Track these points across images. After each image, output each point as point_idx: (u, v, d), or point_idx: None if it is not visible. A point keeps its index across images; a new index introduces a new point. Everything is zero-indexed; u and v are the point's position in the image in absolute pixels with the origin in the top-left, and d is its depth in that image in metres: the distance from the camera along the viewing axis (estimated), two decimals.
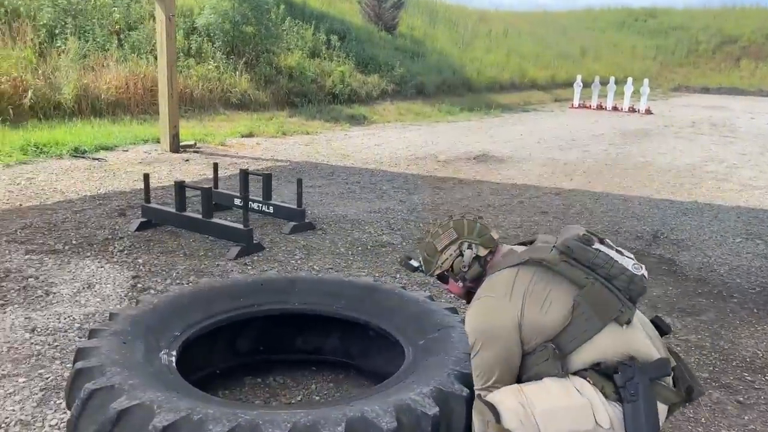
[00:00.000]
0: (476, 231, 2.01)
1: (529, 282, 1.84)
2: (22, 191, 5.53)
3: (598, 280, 1.81)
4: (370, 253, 4.39)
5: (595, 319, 1.77)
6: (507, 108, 17.63)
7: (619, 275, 1.82)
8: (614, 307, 1.78)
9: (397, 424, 1.60)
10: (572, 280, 1.82)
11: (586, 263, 1.84)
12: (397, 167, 8.09)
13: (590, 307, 1.78)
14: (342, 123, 12.28)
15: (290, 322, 2.57)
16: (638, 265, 1.87)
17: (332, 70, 14.41)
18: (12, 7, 10.24)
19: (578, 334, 1.77)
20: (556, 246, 1.90)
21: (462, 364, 1.92)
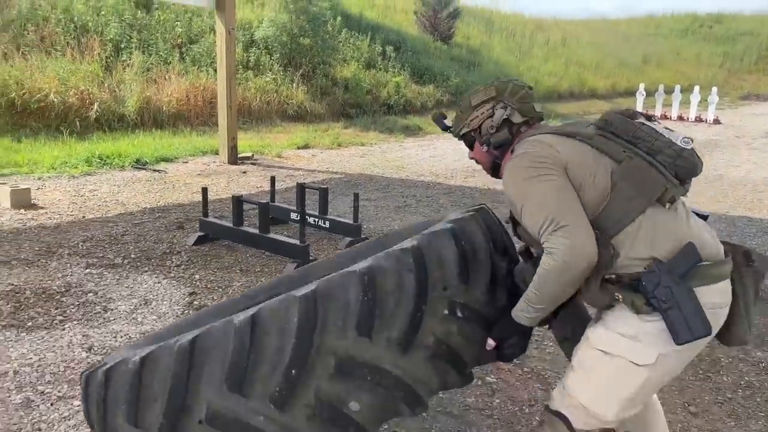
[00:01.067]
0: (518, 96, 1.83)
1: (570, 148, 1.63)
2: (85, 203, 5.64)
3: (638, 155, 1.58)
4: None
5: (638, 199, 1.55)
6: (566, 118, 17.15)
7: (665, 149, 1.59)
8: (659, 183, 1.56)
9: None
10: (610, 155, 1.59)
11: (626, 137, 1.62)
12: (454, 180, 7.90)
13: (630, 184, 1.55)
14: (397, 134, 12.19)
15: None
16: (688, 138, 1.62)
17: (387, 81, 14.37)
18: (81, 23, 10.64)
19: (620, 216, 1.54)
20: (594, 123, 1.71)
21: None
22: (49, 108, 8.53)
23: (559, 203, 1.54)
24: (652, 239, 1.54)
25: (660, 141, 1.60)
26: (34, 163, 6.97)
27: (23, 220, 4.97)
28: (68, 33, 10.33)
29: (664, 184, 1.56)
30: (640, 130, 1.61)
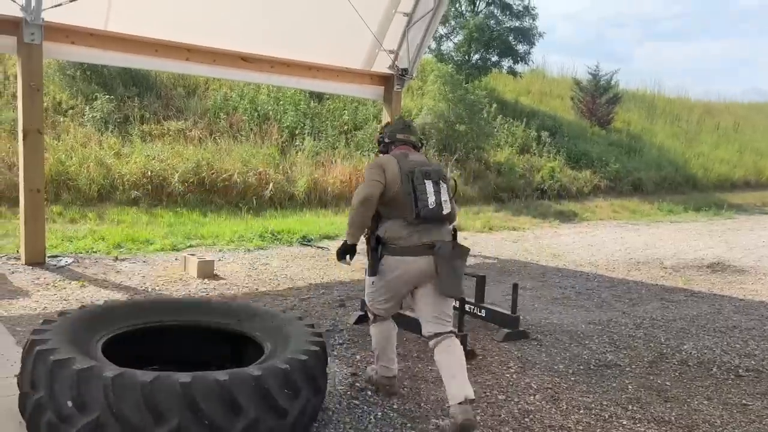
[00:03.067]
0: (395, 126, 3.45)
1: (392, 166, 3.12)
2: (258, 275, 6.13)
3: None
4: (594, 374, 3.96)
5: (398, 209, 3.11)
6: (741, 209, 15.71)
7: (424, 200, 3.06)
8: (407, 210, 3.07)
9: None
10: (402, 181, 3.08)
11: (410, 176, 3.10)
12: (616, 272, 7.47)
13: (398, 203, 3.10)
14: (550, 219, 11.91)
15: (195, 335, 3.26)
16: (437, 202, 3.08)
17: (542, 166, 14.24)
18: (263, 112, 11.95)
19: (389, 208, 3.12)
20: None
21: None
22: (232, 187, 9.55)
23: (368, 181, 3.08)
24: (387, 227, 3.11)
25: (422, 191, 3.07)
26: (216, 236, 7.76)
27: (207, 289, 5.51)
28: (252, 120, 11.65)
29: (413, 211, 3.05)
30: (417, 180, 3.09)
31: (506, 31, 15.45)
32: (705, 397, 3.68)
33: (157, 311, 3.22)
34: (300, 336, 2.88)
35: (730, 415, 3.43)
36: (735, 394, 3.76)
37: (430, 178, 3.09)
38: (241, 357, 3.17)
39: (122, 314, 3.10)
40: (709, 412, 3.46)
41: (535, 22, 15.86)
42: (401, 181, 3.04)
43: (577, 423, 3.22)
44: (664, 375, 4.02)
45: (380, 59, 7.98)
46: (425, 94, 14.54)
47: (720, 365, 4.26)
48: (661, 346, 4.63)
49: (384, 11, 7.62)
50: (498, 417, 3.22)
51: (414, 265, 3.05)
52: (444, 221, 3.16)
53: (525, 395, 3.53)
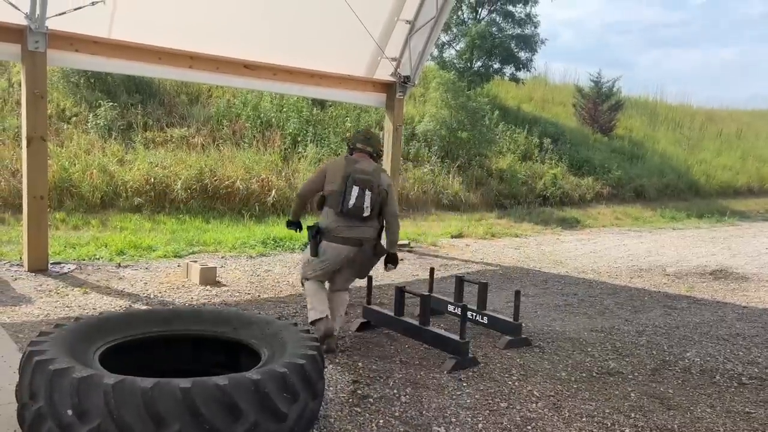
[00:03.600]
0: (356, 136, 4.33)
1: (334, 167, 4.13)
2: (261, 282, 6.14)
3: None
4: (596, 381, 3.95)
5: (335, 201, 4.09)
6: (744, 216, 15.69)
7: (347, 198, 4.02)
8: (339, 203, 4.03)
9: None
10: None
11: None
12: (618, 279, 7.46)
13: (336, 196, 4.06)
14: (552, 226, 11.90)
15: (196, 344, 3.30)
16: (364, 207, 4.02)
17: (544, 173, 14.25)
18: (266, 119, 11.99)
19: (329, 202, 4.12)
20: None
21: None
22: (235, 193, 9.57)
23: (308, 180, 4.34)
24: (325, 213, 4.11)
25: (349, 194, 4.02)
26: (219, 242, 7.77)
27: (209, 296, 5.52)
28: (255, 127, 11.68)
29: (339, 206, 4.02)
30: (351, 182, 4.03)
31: (508, 38, 15.49)
32: (708, 405, 3.67)
33: (154, 321, 3.22)
34: (296, 341, 2.89)
35: (733, 423, 3.41)
36: (738, 402, 3.74)
37: (357, 185, 3.97)
38: (239, 365, 3.17)
39: (119, 325, 3.10)
40: (712, 420, 3.45)
41: (537, 29, 15.93)
42: (341, 181, 4.00)
43: (579, 431, 3.21)
44: (666, 383, 4.00)
45: (382, 66, 8.01)
46: (427, 101, 14.58)
47: (723, 373, 4.25)
48: (664, 354, 4.62)
49: (386, 19, 7.66)
50: (500, 425, 3.21)
51: (343, 252, 4.10)
52: (366, 221, 4.09)
53: (527, 403, 3.52)
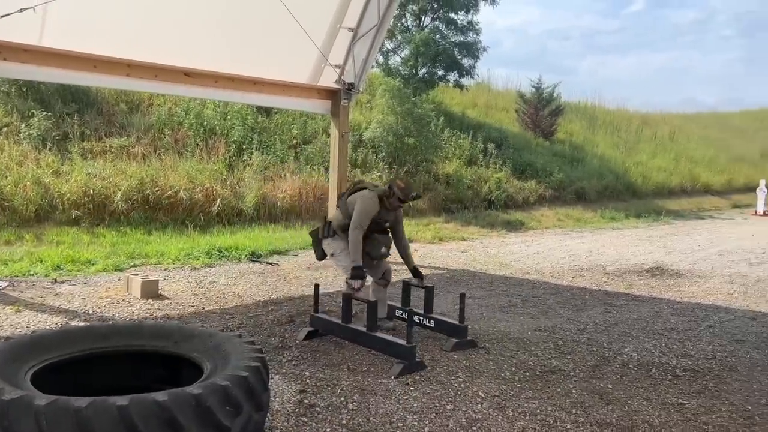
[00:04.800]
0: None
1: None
2: (205, 294, 6.02)
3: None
4: (539, 380, 4.05)
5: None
6: (678, 215, 16.41)
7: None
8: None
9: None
10: None
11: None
12: (561, 279, 7.67)
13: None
14: (498, 229, 12.14)
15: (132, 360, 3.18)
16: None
17: (489, 177, 14.52)
18: (210, 126, 11.79)
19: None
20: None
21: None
22: (178, 204, 9.36)
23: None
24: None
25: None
26: (161, 254, 7.58)
27: (151, 310, 5.37)
28: (198, 136, 11.47)
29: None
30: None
31: (451, 45, 15.75)
32: (644, 398, 3.82)
33: (91, 338, 3.11)
34: (240, 353, 2.85)
35: (667, 415, 3.56)
36: (672, 393, 3.91)
37: None
38: (180, 380, 3.10)
39: (53, 343, 2.97)
40: (648, 412, 3.59)
41: (479, 36, 16.25)
42: None
43: (522, 429, 3.28)
44: (606, 378, 4.14)
45: (326, 74, 8.00)
46: (374, 108, 14.64)
47: (659, 366, 4.43)
48: (604, 350, 4.78)
49: (329, 26, 7.66)
50: (446, 427, 3.25)
51: None
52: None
53: (473, 404, 3.58)
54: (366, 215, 4.57)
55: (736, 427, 3.43)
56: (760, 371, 4.38)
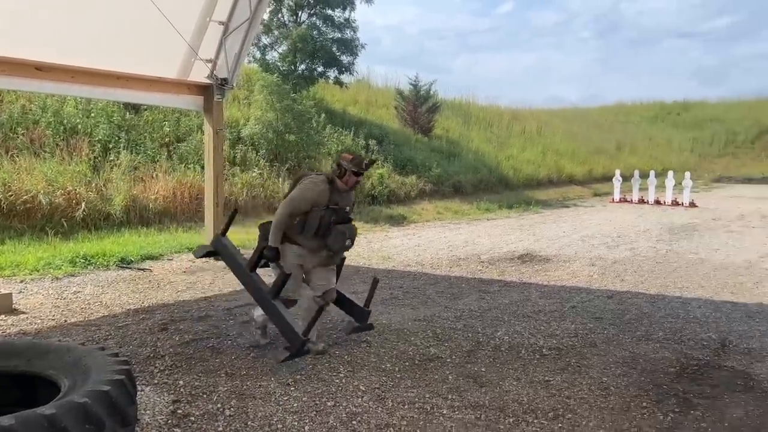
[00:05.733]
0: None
1: None
2: (68, 306, 5.56)
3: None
4: (418, 369, 4.16)
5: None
6: (546, 204, 17.55)
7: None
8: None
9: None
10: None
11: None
12: (440, 269, 7.94)
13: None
14: (382, 224, 12.34)
15: None
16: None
17: (371, 173, 14.69)
18: (71, 125, 10.90)
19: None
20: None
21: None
22: (36, 209, 8.57)
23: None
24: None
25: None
26: (17, 265, 6.91)
27: (3, 326, 4.87)
28: (58, 135, 10.57)
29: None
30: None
31: (329, 41, 15.73)
32: (515, 378, 4.04)
33: None
34: (102, 367, 2.66)
35: (535, 392, 3.79)
36: (540, 372, 4.17)
37: None
38: (36, 400, 2.84)
39: None
40: (517, 391, 3.80)
41: (357, 33, 16.36)
42: None
43: (401, 419, 3.35)
44: (480, 362, 4.34)
45: (197, 68, 7.68)
46: (252, 104, 14.30)
47: (528, 347, 4.71)
48: (478, 335, 5.00)
49: (198, 19, 7.35)
50: (326, 424, 3.25)
51: None
52: None
53: (353, 398, 3.60)
54: (302, 200, 4.10)
55: (594, 399, 3.72)
56: (615, 345, 4.79)
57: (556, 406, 3.58)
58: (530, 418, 3.42)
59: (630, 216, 14.64)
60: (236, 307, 5.65)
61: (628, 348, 4.70)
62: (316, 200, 4.12)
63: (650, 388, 3.89)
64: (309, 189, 4.13)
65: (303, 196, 4.12)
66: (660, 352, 4.62)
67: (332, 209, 4.17)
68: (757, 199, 19.19)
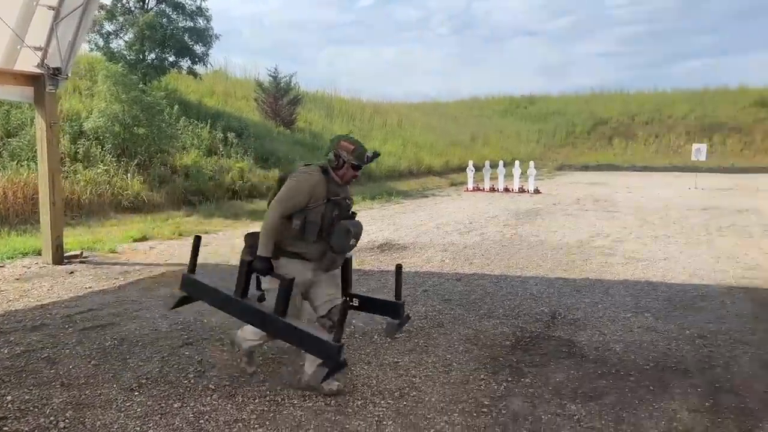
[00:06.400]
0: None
1: None
2: None
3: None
4: (272, 362, 4.16)
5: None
6: (407, 194, 18.18)
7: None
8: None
9: None
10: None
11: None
12: None
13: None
14: (243, 219, 12.07)
15: None
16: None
17: (231, 167, 14.32)
18: None
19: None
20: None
21: None
22: None
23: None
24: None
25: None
26: None
27: None
28: None
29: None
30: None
31: (180, 30, 15.03)
32: (366, 362, 4.19)
33: None
34: None
35: (384, 374, 3.96)
36: (390, 354, 4.36)
37: None
38: None
39: None
40: (367, 375, 3.95)
41: (210, 23, 15.79)
42: None
43: (251, 413, 3.35)
44: None
45: (26, 57, 7.00)
46: (95, 95, 13.31)
47: (380, 332, 4.88)
48: None
49: (23, 3, 6.71)
50: (172, 425, 3.16)
51: None
52: None
53: (202, 398, 3.53)
54: (298, 193, 3.39)
55: (438, 375, 3.97)
56: (460, 323, 5.12)
57: (402, 386, 3.77)
58: (378, 399, 3.57)
59: (482, 204, 15.60)
60: (77, 313, 5.28)
61: (471, 326, 5.05)
62: (314, 193, 3.43)
63: (488, 361, 4.22)
64: (304, 180, 3.44)
65: (298, 188, 3.41)
66: (499, 327, 5.02)
67: (333, 202, 3.48)
68: (591, 185, 21.30)
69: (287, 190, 3.41)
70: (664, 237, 9.83)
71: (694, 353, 4.38)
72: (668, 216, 12.55)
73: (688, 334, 4.81)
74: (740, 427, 3.22)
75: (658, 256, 8.21)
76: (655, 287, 6.41)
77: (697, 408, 3.46)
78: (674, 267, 7.47)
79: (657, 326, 5.03)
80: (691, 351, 4.42)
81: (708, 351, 4.42)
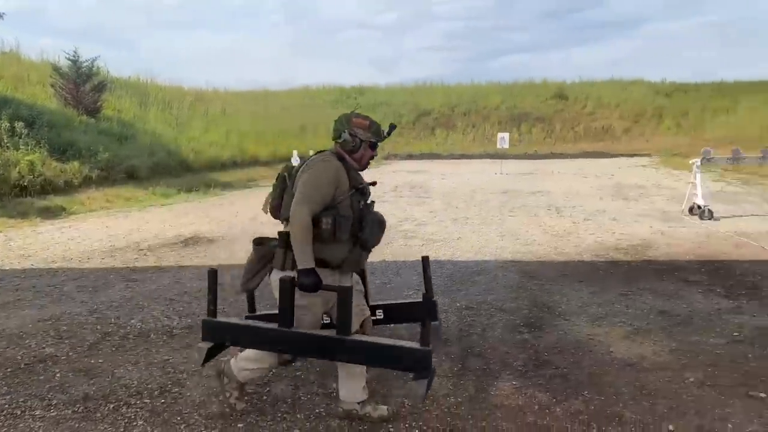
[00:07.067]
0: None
1: None
2: None
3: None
4: (21, 372, 3.78)
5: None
6: (229, 186, 17.65)
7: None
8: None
9: None
10: None
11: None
12: (90, 262, 7.35)
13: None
14: (32, 217, 10.87)
15: None
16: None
17: (18, 160, 12.78)
18: None
19: None
20: None
21: None
22: None
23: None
24: None
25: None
26: None
27: None
28: None
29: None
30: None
31: None
32: (132, 363, 3.97)
33: None
34: None
35: (149, 374, 3.78)
36: (162, 352, 4.18)
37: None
38: None
39: None
40: (130, 376, 3.74)
41: None
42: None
43: None
44: (100, 354, 4.15)
45: None
46: None
47: (158, 330, 4.67)
48: (110, 326, 4.77)
49: None
50: None
51: None
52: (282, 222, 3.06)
53: None
54: (326, 185, 2.86)
55: (205, 369, 3.86)
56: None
57: (166, 383, 3.63)
58: (134, 400, 3.40)
59: None
60: None
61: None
62: (339, 182, 2.91)
63: None
64: (324, 169, 2.91)
65: (322, 178, 2.87)
66: None
67: (359, 190, 2.98)
68: (412, 173, 22.34)
69: (309, 185, 2.85)
70: (463, 219, 10.60)
71: (458, 323, 4.76)
72: (472, 199, 13.57)
73: (458, 306, 5.22)
74: (477, 387, 3.55)
75: (453, 236, 8.84)
76: (442, 265, 6.88)
77: (445, 374, 3.75)
78: (464, 246, 8.09)
79: None
80: (456, 321, 4.80)
81: (470, 320, 4.82)
